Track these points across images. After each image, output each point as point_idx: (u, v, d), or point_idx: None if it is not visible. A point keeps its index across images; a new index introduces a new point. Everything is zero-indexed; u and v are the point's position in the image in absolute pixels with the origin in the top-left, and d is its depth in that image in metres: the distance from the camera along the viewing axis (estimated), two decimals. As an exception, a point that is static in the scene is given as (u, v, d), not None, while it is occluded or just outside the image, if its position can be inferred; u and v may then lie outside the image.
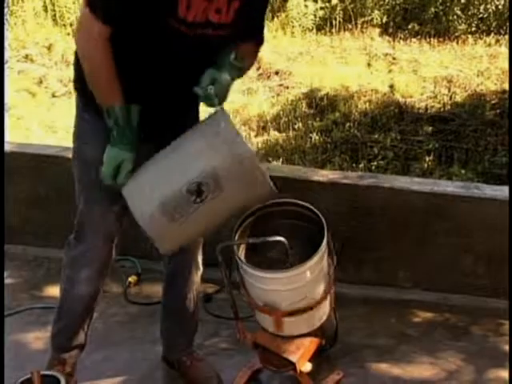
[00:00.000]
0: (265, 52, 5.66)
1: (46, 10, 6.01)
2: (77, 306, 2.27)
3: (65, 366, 2.29)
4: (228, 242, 2.15)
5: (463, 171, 3.84)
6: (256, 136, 4.48)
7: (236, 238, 2.18)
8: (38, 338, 2.61)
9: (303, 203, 2.25)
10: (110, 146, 1.94)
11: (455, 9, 6.02)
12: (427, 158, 4.03)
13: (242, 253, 2.21)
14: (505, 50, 5.48)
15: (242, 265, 2.16)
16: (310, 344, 2.28)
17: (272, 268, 2.16)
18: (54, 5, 6.00)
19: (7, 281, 2.99)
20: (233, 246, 2.16)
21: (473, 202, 2.77)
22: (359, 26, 6.03)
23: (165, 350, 2.46)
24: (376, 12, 6.11)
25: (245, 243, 2.20)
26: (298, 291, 2.16)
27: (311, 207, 2.22)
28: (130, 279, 2.97)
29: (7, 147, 3.23)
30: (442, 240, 2.83)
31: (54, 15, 5.95)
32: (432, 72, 5.18)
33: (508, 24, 5.75)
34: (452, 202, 2.79)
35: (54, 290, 2.93)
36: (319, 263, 2.18)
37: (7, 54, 5.18)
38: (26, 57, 5.39)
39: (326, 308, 2.29)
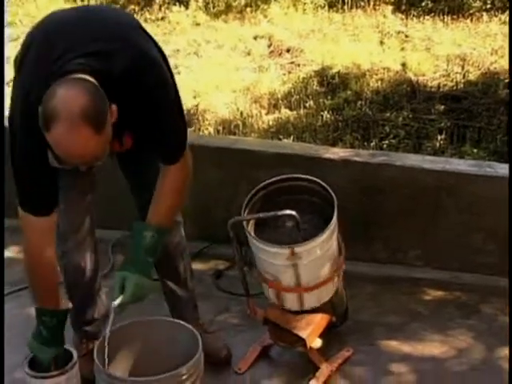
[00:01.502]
0: (276, 29, 5.63)
1: (57, -15, 5.98)
2: (79, 278, 2.30)
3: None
4: (239, 218, 2.15)
5: (475, 150, 3.82)
6: (267, 114, 4.46)
7: (246, 213, 2.18)
8: (50, 312, 2.63)
9: (314, 178, 2.25)
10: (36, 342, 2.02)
11: (470, -15, 5.94)
12: (439, 137, 4.00)
13: (251, 228, 2.21)
14: (520, 27, 5.41)
15: (251, 239, 2.17)
16: (320, 320, 2.29)
17: (282, 243, 2.16)
18: (65, -20, 5.99)
19: (21, 255, 3.00)
20: (243, 221, 2.17)
21: (485, 180, 2.76)
22: (372, 3, 5.96)
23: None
24: (389, -11, 6.04)
25: (255, 218, 2.20)
26: (307, 267, 2.17)
27: (322, 183, 2.22)
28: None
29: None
30: (453, 218, 2.82)
31: (65, -9, 5.94)
32: (445, 50, 5.12)
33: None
34: (464, 180, 2.78)
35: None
36: (329, 239, 2.18)
37: (19, 30, 5.18)
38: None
39: (335, 284, 2.30)
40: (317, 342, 2.29)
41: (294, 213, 2.09)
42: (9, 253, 2.91)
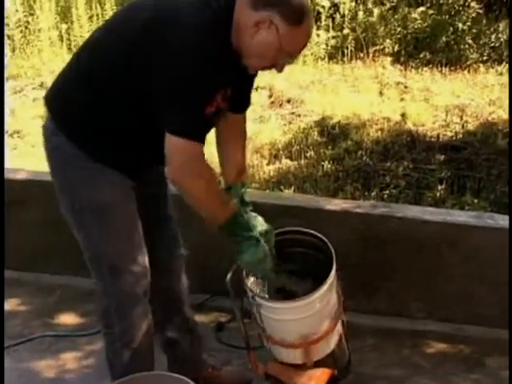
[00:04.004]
0: (277, 80, 5.71)
1: (61, 39, 6.09)
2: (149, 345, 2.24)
3: None
4: (233, 269, 2.14)
5: (476, 200, 3.82)
6: (268, 164, 4.49)
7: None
8: (49, 367, 2.61)
9: (312, 232, 2.25)
10: (253, 249, 2.04)
11: (467, 38, 6.04)
12: (439, 187, 4.02)
13: (251, 283, 2.21)
14: (517, 78, 5.49)
15: (248, 292, 2.16)
16: (321, 375, 2.26)
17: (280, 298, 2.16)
18: (69, 34, 6.09)
19: (20, 308, 3.00)
20: (243, 274, 2.17)
21: (486, 231, 2.76)
22: (371, 54, 6.06)
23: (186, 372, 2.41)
24: (387, 41, 6.14)
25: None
26: (307, 321, 2.16)
27: (320, 236, 2.22)
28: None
29: (22, 175, 3.26)
30: (455, 270, 2.82)
31: (70, 44, 6.04)
32: (444, 101, 5.19)
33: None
34: (465, 231, 2.78)
35: (65, 318, 2.94)
36: (328, 292, 2.17)
37: (23, 82, 5.26)
38: (41, 85, 5.46)
39: (336, 336, 2.28)
40: (319, 397, 2.26)
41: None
42: (8, 306, 2.90)
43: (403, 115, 4.92)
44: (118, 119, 1.97)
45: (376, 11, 6.41)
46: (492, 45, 5.99)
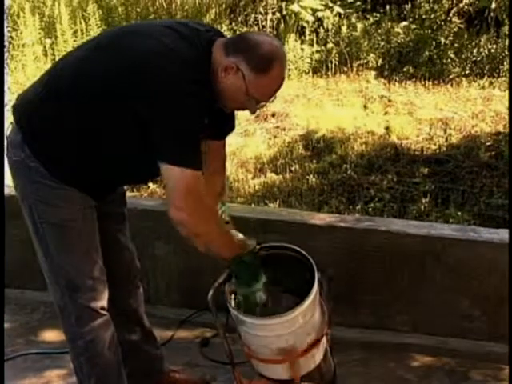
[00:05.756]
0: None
1: (45, 54, 6.09)
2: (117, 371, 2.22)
3: None
4: (215, 287, 2.14)
5: (459, 213, 3.85)
6: (253, 178, 4.50)
7: (227, 285, 2.18)
8: (33, 385, 2.59)
9: (293, 247, 2.24)
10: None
11: (449, 52, 6.12)
12: (423, 200, 4.05)
13: (232, 299, 2.20)
14: (498, 92, 5.56)
15: (231, 310, 2.16)
16: (307, 390, 2.26)
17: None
18: (53, 49, 6.09)
19: (3, 325, 2.97)
20: (225, 290, 2.16)
21: (469, 245, 2.77)
22: (355, 68, 6.11)
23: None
24: (371, 55, 6.20)
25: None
26: (291, 336, 2.15)
27: (301, 251, 2.22)
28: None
29: (5, 191, 3.24)
30: (439, 283, 2.82)
31: (54, 59, 6.03)
32: (427, 114, 5.24)
33: (501, 67, 5.85)
34: (448, 245, 2.80)
35: (49, 335, 2.91)
36: (311, 307, 2.17)
37: (7, 98, 5.23)
38: (26, 100, 5.45)
39: (321, 351, 2.28)
40: (304, 413, 2.25)
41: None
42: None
43: (387, 129, 4.96)
44: (88, 145, 1.96)
45: (359, 26, 6.48)
46: (474, 59, 6.07)
